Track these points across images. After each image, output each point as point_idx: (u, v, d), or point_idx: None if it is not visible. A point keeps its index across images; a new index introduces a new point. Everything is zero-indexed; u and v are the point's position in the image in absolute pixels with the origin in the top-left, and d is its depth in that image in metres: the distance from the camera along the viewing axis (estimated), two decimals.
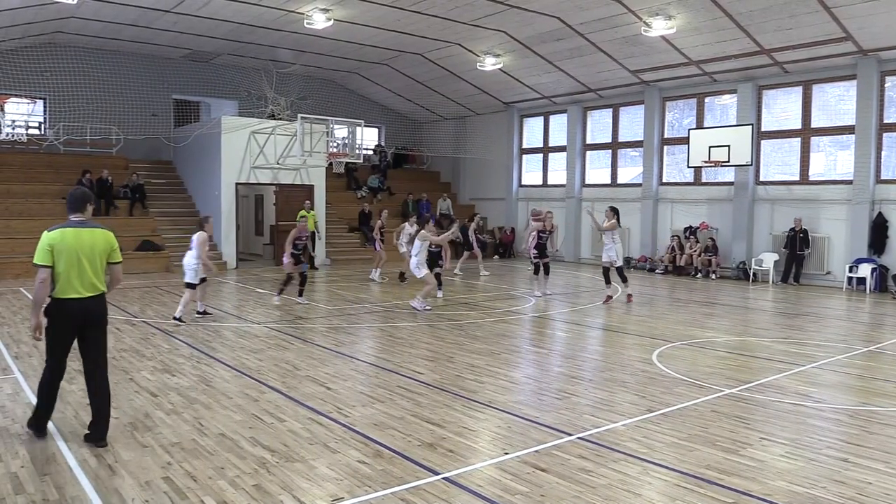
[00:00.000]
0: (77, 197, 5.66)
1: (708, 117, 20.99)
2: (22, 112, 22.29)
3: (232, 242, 20.72)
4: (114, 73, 22.57)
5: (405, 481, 4.92)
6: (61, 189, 20.44)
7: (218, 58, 23.90)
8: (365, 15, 18.86)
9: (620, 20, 17.84)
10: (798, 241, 18.23)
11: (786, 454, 5.58)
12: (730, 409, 6.83)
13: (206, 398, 7.00)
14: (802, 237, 18.19)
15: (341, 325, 11.48)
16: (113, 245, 5.70)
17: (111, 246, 5.68)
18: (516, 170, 26.59)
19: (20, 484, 4.81)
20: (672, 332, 11.08)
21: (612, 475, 5.09)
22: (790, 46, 17.18)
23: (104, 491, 4.71)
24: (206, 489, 4.76)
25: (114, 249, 5.70)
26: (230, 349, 9.47)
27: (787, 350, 9.81)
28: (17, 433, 5.84)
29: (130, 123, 22.04)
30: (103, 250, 5.60)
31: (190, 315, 11.70)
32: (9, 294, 14.38)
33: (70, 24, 19.69)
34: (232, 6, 18.10)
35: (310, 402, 6.90)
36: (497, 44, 21.04)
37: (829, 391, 7.69)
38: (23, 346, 9.40)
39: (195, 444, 5.64)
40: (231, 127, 20.43)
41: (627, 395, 7.31)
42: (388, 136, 29.54)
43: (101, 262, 5.60)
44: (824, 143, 18.87)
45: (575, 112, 24.13)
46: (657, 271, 20.93)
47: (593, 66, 21.06)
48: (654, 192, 21.89)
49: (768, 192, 19.47)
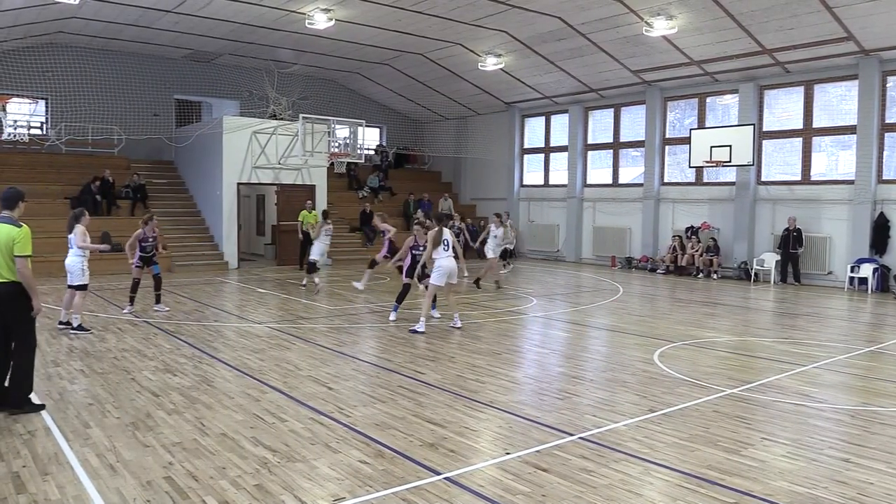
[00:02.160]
0: (7, 196, 6.47)
1: (709, 117, 20.99)
2: (24, 112, 22.30)
3: (233, 242, 20.73)
4: (115, 73, 22.59)
5: (406, 481, 4.92)
6: (63, 189, 20.48)
7: (219, 58, 23.91)
8: (366, 15, 18.86)
9: (622, 20, 17.84)
10: (791, 240, 18.25)
11: (787, 454, 5.57)
12: (731, 409, 6.83)
13: (207, 398, 7.01)
14: (796, 236, 18.21)
15: (342, 325, 11.48)
16: (15, 239, 6.24)
17: (13, 240, 6.23)
18: (517, 170, 26.59)
19: (22, 483, 4.81)
20: (673, 332, 11.08)
21: (613, 475, 5.09)
22: (792, 46, 17.17)
23: (106, 490, 4.71)
24: (208, 489, 4.76)
25: (16, 243, 6.24)
26: (231, 349, 9.48)
27: (788, 350, 9.81)
28: (19, 433, 5.85)
29: (132, 123, 22.05)
30: (5, 244, 6.22)
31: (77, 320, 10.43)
32: None
33: (71, 24, 19.71)
34: (233, 6, 18.11)
35: (311, 401, 6.90)
36: (498, 44, 21.04)
37: (831, 391, 7.69)
38: None
39: (197, 444, 5.64)
40: (232, 127, 20.44)
41: (629, 395, 7.31)
42: (390, 136, 29.55)
43: (8, 255, 6.23)
44: (826, 143, 18.86)
45: (576, 112, 24.12)
46: (658, 271, 20.93)
47: (594, 66, 21.05)
48: (656, 192, 21.89)
49: (770, 192, 19.46)
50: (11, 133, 20.55)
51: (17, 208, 6.50)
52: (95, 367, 8.27)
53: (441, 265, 10.71)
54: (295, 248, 20.36)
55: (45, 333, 10.22)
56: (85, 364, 8.39)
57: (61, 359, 8.67)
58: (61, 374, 7.86)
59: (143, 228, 12.20)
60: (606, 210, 23.54)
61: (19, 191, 6.61)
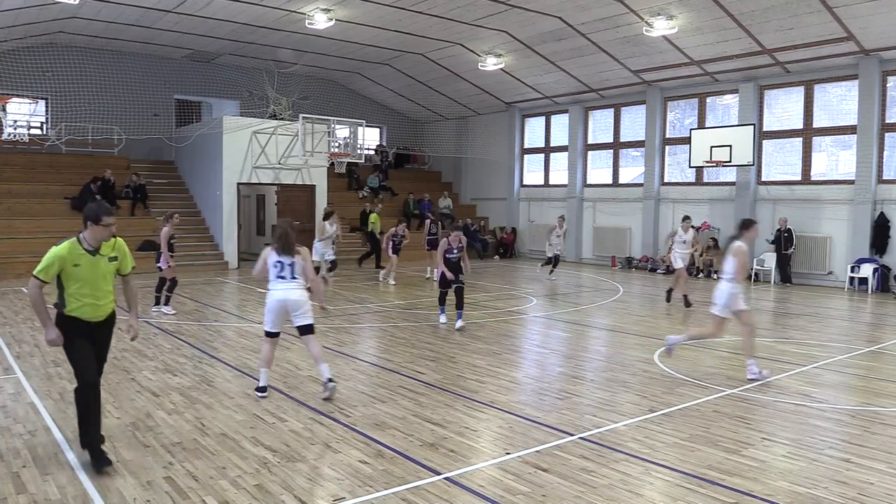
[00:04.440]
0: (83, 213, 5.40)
1: (709, 117, 20.98)
2: (24, 112, 22.29)
3: (234, 242, 20.73)
4: (115, 73, 22.58)
5: (406, 481, 4.92)
6: (63, 189, 20.49)
7: (219, 58, 23.90)
8: (366, 15, 18.86)
9: (622, 20, 17.83)
10: (783, 240, 18.26)
11: (787, 454, 5.57)
12: (731, 409, 6.83)
13: (207, 398, 7.00)
14: (787, 236, 18.22)
15: (343, 326, 11.47)
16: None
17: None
18: (518, 170, 26.59)
19: (22, 484, 4.81)
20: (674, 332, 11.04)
21: (613, 475, 5.09)
22: (792, 46, 17.16)
23: (106, 491, 4.71)
24: (208, 489, 4.76)
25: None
26: (232, 349, 9.48)
27: (788, 350, 9.80)
28: (19, 433, 5.85)
29: (132, 123, 22.04)
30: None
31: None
32: (10, 294, 14.38)
33: (72, 25, 19.71)
34: (233, 6, 18.10)
35: (311, 402, 6.90)
36: (498, 44, 21.04)
37: (831, 391, 7.69)
38: (24, 345, 9.41)
39: (197, 444, 5.64)
40: (232, 127, 20.44)
41: (629, 395, 7.31)
42: (390, 136, 29.55)
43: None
44: (826, 143, 18.85)
45: (576, 112, 24.12)
46: (658, 271, 20.92)
47: (595, 66, 21.05)
48: (656, 192, 21.88)
49: (770, 192, 19.46)
50: (11, 133, 20.53)
51: (87, 228, 5.18)
52: None
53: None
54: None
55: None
56: None
57: (61, 359, 8.64)
58: (61, 374, 7.86)
59: (168, 225, 12.07)
60: (606, 210, 23.54)
61: (92, 208, 5.26)
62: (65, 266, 5.10)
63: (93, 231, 5.14)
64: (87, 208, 5.25)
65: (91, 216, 5.12)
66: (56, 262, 5.07)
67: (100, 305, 5.30)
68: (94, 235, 5.16)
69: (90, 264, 5.18)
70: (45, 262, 5.08)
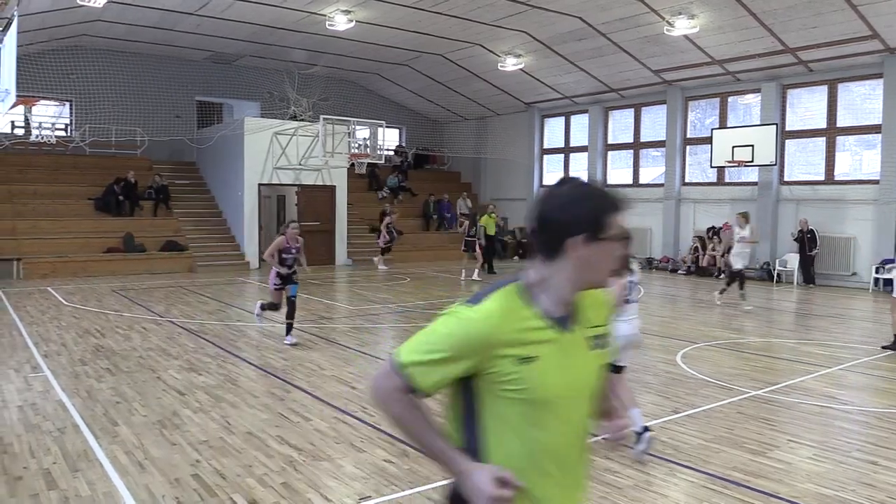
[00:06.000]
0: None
1: (731, 117, 20.81)
2: (50, 115, 22.61)
3: (255, 243, 20.88)
4: (138, 75, 22.84)
5: (431, 480, 4.93)
6: (87, 190, 20.74)
7: (240, 59, 24.09)
8: (386, 16, 18.93)
9: (643, 20, 17.75)
10: (806, 241, 18.08)
11: (813, 456, 5.53)
12: (755, 410, 6.78)
13: (232, 397, 7.07)
14: (810, 237, 18.04)
15: (364, 325, 11.53)
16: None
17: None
18: (537, 170, 26.53)
19: (53, 480, 4.89)
20: (696, 332, 11.01)
21: (637, 476, 5.08)
22: (815, 45, 16.98)
23: (135, 487, 4.78)
24: (235, 487, 4.82)
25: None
26: (255, 349, 9.56)
27: (812, 352, 9.72)
28: (48, 430, 5.94)
29: (154, 125, 22.28)
30: None
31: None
32: (36, 293, 14.59)
33: (95, 28, 19.96)
34: (254, 8, 18.24)
35: (335, 401, 6.95)
36: (518, 44, 21.02)
37: (857, 393, 7.61)
38: (51, 344, 9.54)
39: (223, 442, 5.70)
40: (254, 128, 20.60)
41: (651, 395, 7.28)
42: (409, 136, 29.62)
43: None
44: (850, 142, 18.64)
45: (596, 112, 24.04)
46: (679, 272, 20.80)
47: (615, 66, 20.96)
48: (677, 193, 21.75)
49: (793, 192, 19.27)
50: (38, 135, 20.83)
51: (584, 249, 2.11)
52: (121, 365, 8.38)
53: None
54: (320, 247, 20.88)
55: (71, 332, 10.38)
56: (111, 363, 8.50)
57: (88, 357, 8.79)
58: (88, 373, 7.97)
59: (283, 236, 9.80)
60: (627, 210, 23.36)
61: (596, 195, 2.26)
62: (491, 359, 1.98)
63: (598, 259, 2.13)
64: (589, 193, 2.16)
65: (598, 214, 2.16)
66: (461, 346, 1.99)
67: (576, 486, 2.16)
68: (589, 271, 2.12)
69: (562, 356, 2.02)
70: (427, 340, 2.06)
